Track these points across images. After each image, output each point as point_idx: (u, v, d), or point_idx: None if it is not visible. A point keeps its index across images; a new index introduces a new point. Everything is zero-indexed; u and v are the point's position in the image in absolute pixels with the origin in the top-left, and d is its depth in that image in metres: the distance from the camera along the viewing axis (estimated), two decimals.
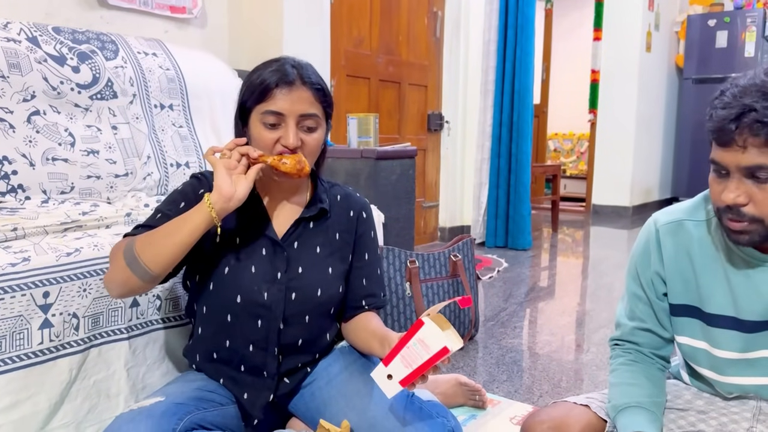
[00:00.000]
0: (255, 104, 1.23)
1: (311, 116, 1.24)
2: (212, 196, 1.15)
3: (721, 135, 0.98)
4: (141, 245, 1.15)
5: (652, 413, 1.16)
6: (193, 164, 2.03)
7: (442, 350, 1.07)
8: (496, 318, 2.74)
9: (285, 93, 1.21)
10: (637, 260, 1.24)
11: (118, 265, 1.17)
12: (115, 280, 1.19)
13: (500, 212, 4.33)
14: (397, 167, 2.41)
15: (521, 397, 1.91)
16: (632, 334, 1.25)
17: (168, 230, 1.16)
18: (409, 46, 4.10)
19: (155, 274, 1.15)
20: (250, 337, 1.28)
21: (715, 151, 1.01)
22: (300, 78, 1.23)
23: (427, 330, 1.08)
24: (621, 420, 1.17)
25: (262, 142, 1.23)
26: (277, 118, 1.22)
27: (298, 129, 1.23)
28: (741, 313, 1.12)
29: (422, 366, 1.09)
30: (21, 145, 1.63)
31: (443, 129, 4.46)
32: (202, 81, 2.19)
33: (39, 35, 1.78)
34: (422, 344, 1.08)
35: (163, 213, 1.25)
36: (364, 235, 1.40)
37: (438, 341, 1.08)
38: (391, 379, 1.11)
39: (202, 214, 1.15)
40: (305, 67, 1.26)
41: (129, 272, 1.15)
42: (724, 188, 1.01)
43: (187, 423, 1.13)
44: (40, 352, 1.27)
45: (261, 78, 1.22)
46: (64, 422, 1.32)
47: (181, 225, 1.15)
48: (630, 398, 1.18)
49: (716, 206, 1.05)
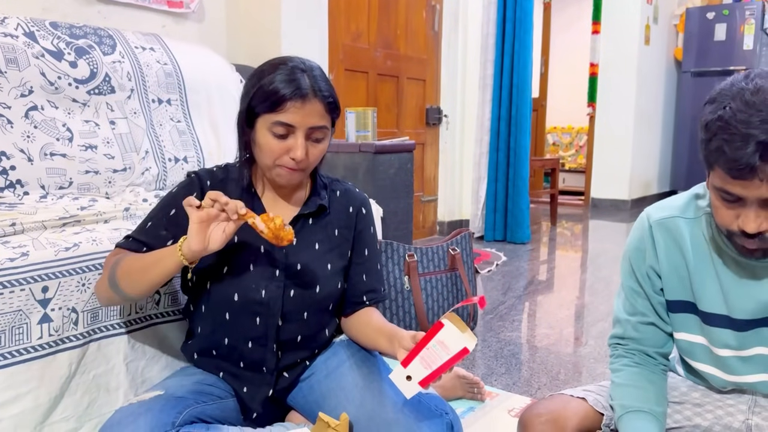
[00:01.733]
0: (265, 112, 1.21)
1: (321, 128, 1.23)
2: (183, 247, 1.12)
3: (741, 172, 0.92)
4: (121, 273, 1.20)
5: (659, 422, 1.15)
6: (191, 159, 2.04)
7: (461, 351, 1.08)
8: (495, 311, 2.75)
9: (298, 106, 1.19)
10: (632, 255, 1.23)
11: (103, 282, 1.24)
12: (101, 293, 1.27)
13: (499, 206, 4.33)
14: (396, 161, 2.41)
15: (519, 389, 1.91)
16: (635, 330, 1.23)
17: (144, 264, 1.18)
18: (408, 39, 4.10)
19: (134, 298, 1.22)
20: (249, 334, 1.28)
21: (729, 183, 0.95)
22: (313, 90, 1.20)
23: (447, 332, 1.09)
24: (629, 422, 1.16)
25: (268, 150, 1.22)
26: (287, 129, 1.20)
27: (306, 141, 1.22)
28: (733, 312, 1.12)
29: (441, 367, 1.10)
30: (19, 140, 1.64)
31: (442, 123, 4.46)
32: (199, 75, 2.18)
33: (36, 30, 1.78)
34: (442, 346, 1.09)
35: (153, 223, 1.29)
36: (363, 231, 1.40)
37: (458, 342, 1.08)
38: (410, 380, 1.11)
39: (174, 259, 1.14)
40: (316, 75, 1.23)
41: (111, 292, 1.22)
42: (739, 215, 0.98)
43: (186, 416, 1.14)
44: (40, 346, 1.28)
45: (273, 86, 1.19)
46: (65, 416, 1.33)
47: (155, 264, 1.16)
48: (638, 402, 1.17)
49: (727, 229, 1.02)
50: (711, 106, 0.97)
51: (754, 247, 1.01)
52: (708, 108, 0.97)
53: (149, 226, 1.29)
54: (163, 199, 1.33)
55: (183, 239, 1.13)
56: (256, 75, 1.25)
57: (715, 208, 1.03)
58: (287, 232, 1.14)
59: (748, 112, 0.91)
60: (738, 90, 0.94)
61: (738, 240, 1.02)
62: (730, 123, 0.92)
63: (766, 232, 0.98)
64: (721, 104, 0.95)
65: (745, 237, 0.99)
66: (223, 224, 1.13)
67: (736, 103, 0.93)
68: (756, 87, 0.93)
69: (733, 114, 0.92)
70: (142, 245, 1.27)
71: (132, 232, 1.30)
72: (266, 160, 1.24)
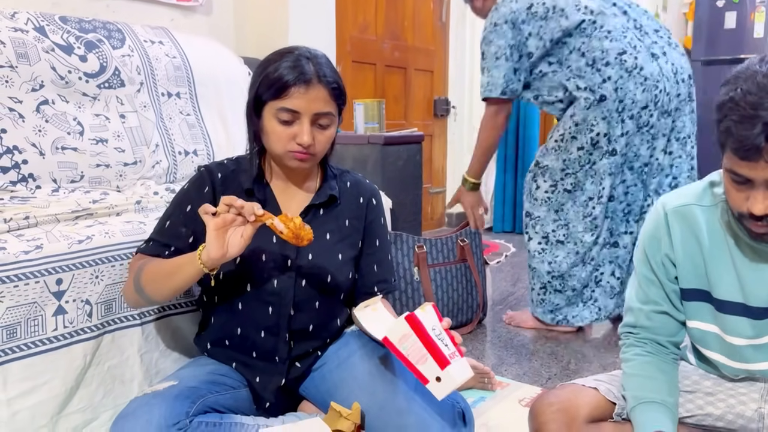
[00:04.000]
0: (270, 99, 1.22)
1: (326, 114, 1.24)
2: (203, 255, 1.12)
3: (747, 153, 0.93)
4: (145, 280, 1.22)
5: (672, 413, 1.15)
6: (201, 152, 2.04)
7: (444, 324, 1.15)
8: (505, 302, 2.75)
9: (302, 92, 1.21)
10: (647, 244, 1.23)
11: (129, 286, 1.26)
12: (128, 299, 1.32)
13: (507, 197, 4.32)
14: (404, 153, 2.41)
15: (530, 379, 1.92)
16: (648, 318, 1.23)
17: (166, 272, 1.20)
18: (415, 31, 4.09)
19: (160, 302, 1.27)
20: (261, 324, 1.29)
21: (737, 164, 0.97)
22: (317, 76, 1.22)
23: (425, 314, 1.13)
24: (642, 414, 1.15)
25: (275, 137, 1.24)
26: (292, 115, 1.22)
27: (312, 127, 1.23)
28: (749, 300, 1.12)
29: (433, 343, 1.11)
30: (31, 134, 1.65)
31: (450, 114, 4.45)
32: (208, 69, 2.19)
33: (46, 25, 1.79)
34: (438, 328, 1.14)
35: (171, 222, 1.31)
36: (374, 221, 1.41)
37: (435, 319, 1.14)
38: (440, 381, 1.11)
39: (194, 267, 1.14)
40: (321, 62, 1.25)
41: (138, 296, 1.25)
42: (748, 197, 0.99)
43: (200, 406, 1.15)
44: (55, 338, 1.29)
45: (278, 73, 1.21)
46: (80, 407, 1.34)
47: (177, 272, 1.18)
48: (651, 392, 1.17)
49: (738, 211, 1.03)
50: (725, 88, 0.98)
51: (762, 230, 1.01)
52: (722, 90, 0.99)
53: (168, 225, 1.30)
54: (177, 197, 1.34)
55: (202, 247, 1.13)
56: (262, 64, 1.27)
57: (727, 191, 1.04)
58: (307, 231, 1.14)
59: (759, 94, 0.92)
60: (752, 73, 0.95)
61: (747, 223, 1.02)
62: (739, 104, 0.94)
63: None
64: (734, 86, 0.96)
65: (754, 220, 1.00)
66: (240, 229, 1.12)
67: (747, 85, 0.94)
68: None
69: (743, 95, 0.93)
70: (165, 247, 1.28)
71: (151, 234, 1.32)
72: (275, 148, 1.25)
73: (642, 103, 2.10)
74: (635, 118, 2.12)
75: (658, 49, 2.19)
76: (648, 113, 2.12)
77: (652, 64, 2.13)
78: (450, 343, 1.13)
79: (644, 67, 2.11)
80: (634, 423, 1.17)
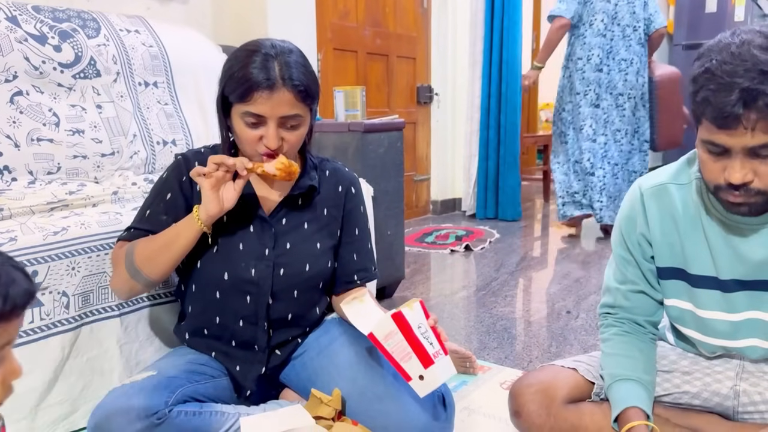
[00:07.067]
0: (236, 102, 1.20)
1: (293, 117, 1.22)
2: (201, 213, 1.20)
3: (726, 120, 0.94)
4: (140, 259, 1.22)
5: (648, 391, 1.17)
6: (179, 141, 2.03)
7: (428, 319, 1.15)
8: (488, 287, 2.76)
9: (266, 96, 1.17)
10: (623, 224, 1.25)
11: (121, 276, 1.25)
12: (121, 288, 1.29)
13: (490, 184, 4.33)
14: (385, 140, 2.41)
15: (512, 363, 1.93)
16: (625, 298, 1.25)
17: (162, 243, 1.22)
18: (397, 17, 4.06)
19: (158, 281, 1.25)
20: (240, 313, 1.29)
21: (714, 134, 0.98)
22: (282, 79, 1.17)
23: (412, 312, 1.14)
24: (618, 391, 1.17)
25: (244, 138, 1.23)
26: (258, 119, 1.20)
27: (280, 129, 1.21)
28: (721, 273, 1.14)
29: (418, 342, 1.13)
30: (5, 126, 1.62)
31: (433, 101, 4.44)
32: (186, 57, 2.16)
33: (18, 14, 1.76)
34: (423, 325, 1.14)
35: (152, 210, 1.30)
36: (353, 210, 1.41)
37: (421, 315, 1.14)
38: (423, 380, 1.14)
39: (193, 229, 1.21)
40: (289, 61, 1.20)
41: (133, 282, 1.24)
42: (725, 167, 1.00)
43: (179, 395, 1.15)
44: (32, 330, 1.28)
45: (242, 75, 1.18)
46: (60, 399, 1.34)
47: (175, 239, 1.22)
48: (627, 371, 1.19)
49: (714, 184, 1.04)
50: (698, 62, 1.00)
51: (739, 200, 1.02)
52: (696, 63, 1.00)
53: (149, 214, 1.30)
54: (155, 186, 1.33)
55: (196, 209, 1.20)
56: (228, 62, 1.25)
57: (703, 164, 1.05)
58: (295, 165, 1.23)
59: (734, 62, 0.94)
60: (725, 44, 0.97)
61: (723, 195, 1.04)
62: (715, 73, 0.95)
63: (751, 183, 1.00)
64: (708, 58, 0.98)
65: (731, 189, 1.01)
66: (231, 183, 1.20)
67: (722, 56, 0.96)
68: (741, 40, 0.96)
69: (719, 65, 0.95)
70: (146, 233, 1.28)
71: (132, 223, 1.31)
72: (244, 148, 1.26)
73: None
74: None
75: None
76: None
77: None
78: (435, 341, 1.14)
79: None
80: (610, 400, 1.19)
